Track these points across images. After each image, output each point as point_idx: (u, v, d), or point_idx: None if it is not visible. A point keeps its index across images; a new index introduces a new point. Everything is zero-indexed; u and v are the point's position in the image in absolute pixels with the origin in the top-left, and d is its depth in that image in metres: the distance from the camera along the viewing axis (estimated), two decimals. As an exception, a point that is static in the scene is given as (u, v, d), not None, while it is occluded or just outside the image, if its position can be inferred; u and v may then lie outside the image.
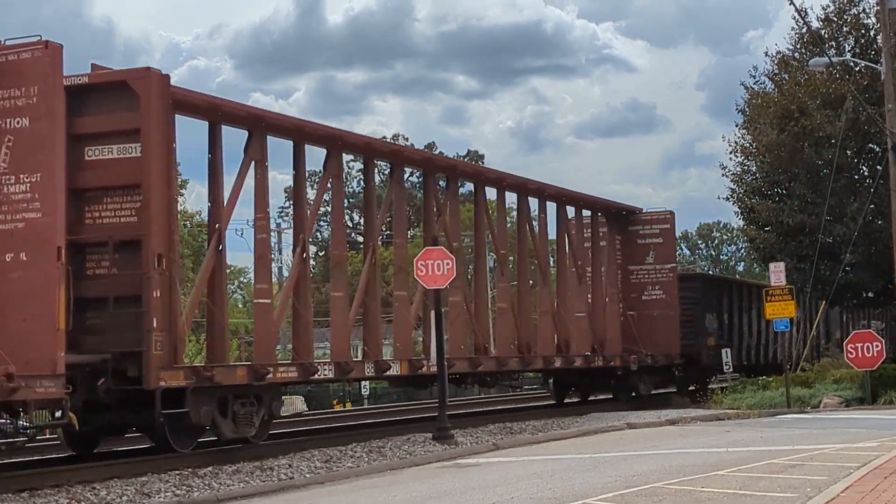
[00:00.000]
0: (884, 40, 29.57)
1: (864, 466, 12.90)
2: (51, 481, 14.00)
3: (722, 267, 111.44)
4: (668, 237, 31.50)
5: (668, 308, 30.82)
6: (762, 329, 37.58)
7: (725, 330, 35.12)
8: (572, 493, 11.83)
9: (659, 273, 30.90)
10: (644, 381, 30.23)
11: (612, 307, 29.76)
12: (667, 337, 30.84)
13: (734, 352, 34.62)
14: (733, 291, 36.91)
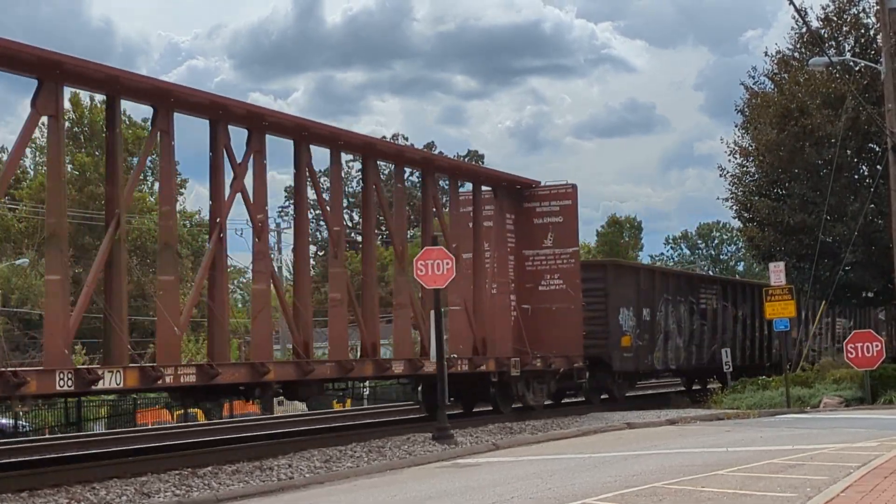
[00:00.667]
0: (884, 40, 29.57)
1: (864, 466, 12.90)
2: (50, 481, 14.00)
3: (722, 267, 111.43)
4: (570, 216, 26.17)
5: (568, 301, 25.83)
6: (703, 327, 34.29)
7: (647, 328, 30.31)
8: (572, 492, 11.83)
9: (559, 259, 25.97)
10: (533, 388, 25.07)
11: (499, 300, 24.81)
12: (567, 336, 25.76)
13: (659, 354, 31.07)
14: (657, 282, 31.84)
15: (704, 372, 36.44)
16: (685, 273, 38.52)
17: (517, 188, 26.31)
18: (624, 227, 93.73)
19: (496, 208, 25.50)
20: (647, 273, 32.82)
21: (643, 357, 30.19)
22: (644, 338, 30.15)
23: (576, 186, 26.74)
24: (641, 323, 30.00)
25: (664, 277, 33.59)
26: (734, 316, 36.78)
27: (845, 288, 37.75)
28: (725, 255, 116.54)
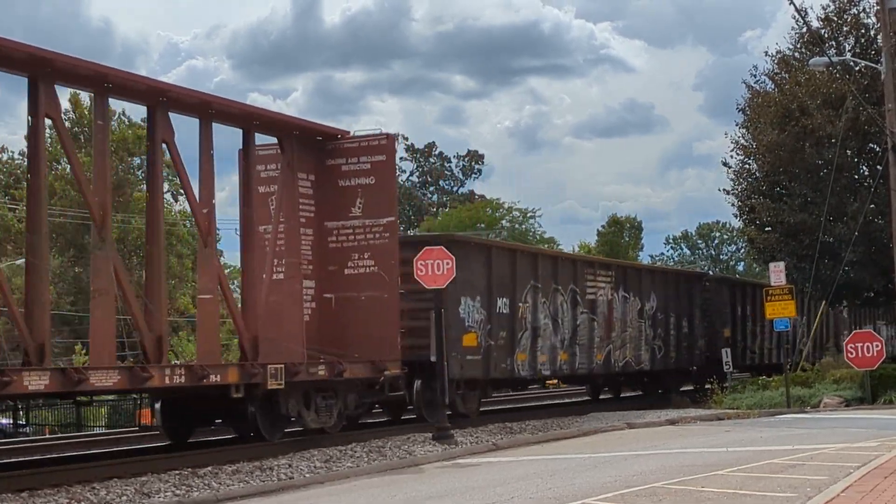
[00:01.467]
0: (884, 40, 29.56)
1: (864, 466, 12.91)
2: (50, 481, 14.00)
3: (722, 267, 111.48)
4: (386, 175, 20.23)
5: (382, 287, 19.83)
6: (593, 323, 27.94)
7: (504, 323, 24.09)
8: (572, 492, 11.83)
9: (370, 233, 20.05)
10: (317, 406, 18.73)
11: (288, 287, 19.05)
12: (378, 334, 19.71)
13: (526, 357, 24.97)
14: (520, 265, 24.94)
15: (610, 379, 31.27)
16: (563, 255, 30.47)
17: (317, 140, 20.24)
18: (624, 227, 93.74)
19: (284, 165, 19.35)
20: (504, 253, 25.08)
21: (499, 360, 23.75)
22: (499, 336, 23.68)
23: (393, 137, 20.86)
24: (496, 317, 23.48)
25: (531, 259, 25.95)
26: (641, 310, 30.55)
27: (845, 288, 37.74)
28: (725, 255, 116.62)
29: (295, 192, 19.54)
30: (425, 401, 21.79)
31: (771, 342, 38.36)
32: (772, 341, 38.36)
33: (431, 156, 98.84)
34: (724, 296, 35.74)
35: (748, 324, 36.92)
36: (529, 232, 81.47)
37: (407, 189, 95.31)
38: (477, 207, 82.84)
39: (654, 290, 31.53)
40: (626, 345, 29.71)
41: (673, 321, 32.66)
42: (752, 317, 37.08)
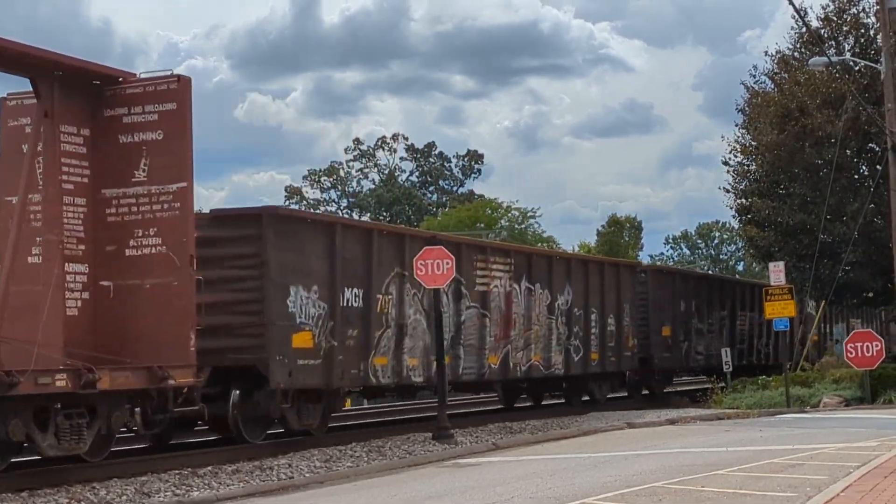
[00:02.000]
0: (884, 40, 29.57)
1: (864, 466, 12.91)
2: (50, 481, 13.99)
3: (722, 267, 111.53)
4: (177, 130, 15.60)
5: (171, 273, 15.19)
6: (485, 320, 23.29)
7: (354, 319, 19.40)
8: (572, 492, 11.83)
9: (157, 203, 15.39)
10: (59, 428, 13.86)
11: (45, 272, 14.58)
12: (163, 332, 15.10)
13: (387, 360, 20.29)
14: (378, 248, 20.14)
15: (511, 385, 27.01)
16: (442, 237, 23.67)
17: (92, 84, 15.57)
18: (624, 226, 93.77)
19: (40, 115, 14.85)
20: (355, 233, 19.98)
21: (347, 365, 19.01)
22: (347, 335, 19.00)
23: (187, 80, 15.85)
24: (342, 311, 18.79)
25: (396, 242, 20.82)
26: (551, 305, 25.93)
27: (845, 288, 37.74)
28: (725, 254, 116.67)
29: (56, 150, 14.93)
30: (244, 416, 17.62)
31: (727, 341, 35.37)
32: (730, 340, 35.78)
33: (431, 156, 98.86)
34: (665, 289, 32.05)
35: (694, 321, 33.42)
36: (529, 231, 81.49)
37: (407, 189, 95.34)
38: (476, 207, 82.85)
39: (569, 281, 26.61)
40: (530, 345, 24.92)
41: (595, 318, 27.68)
42: (701, 313, 34.11)
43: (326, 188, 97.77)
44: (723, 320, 36.24)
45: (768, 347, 39.21)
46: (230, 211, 19.29)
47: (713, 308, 35.48)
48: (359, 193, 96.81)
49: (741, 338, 37.59)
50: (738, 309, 37.28)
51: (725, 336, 35.74)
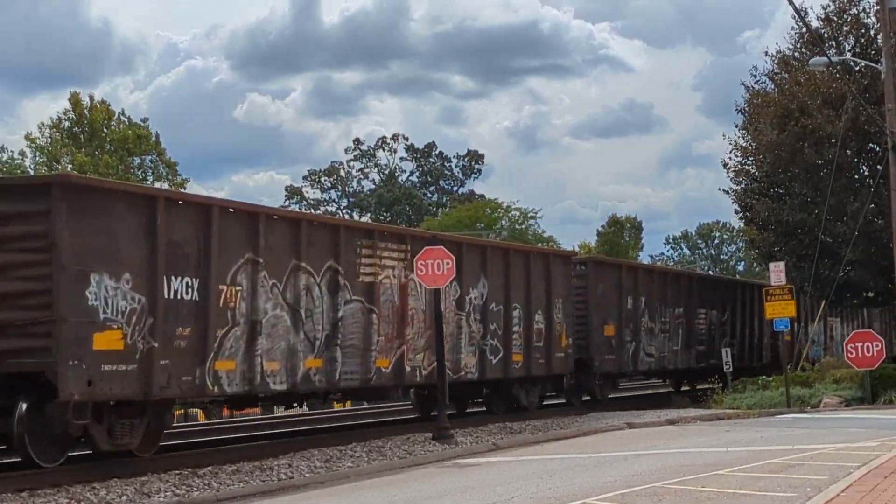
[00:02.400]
0: (884, 40, 29.57)
1: (864, 466, 12.91)
2: (50, 481, 13.99)
3: (722, 267, 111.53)
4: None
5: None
6: (371, 316, 19.62)
7: (198, 319, 15.98)
8: (572, 492, 11.83)
9: None
10: None
11: None
12: None
13: (234, 365, 16.45)
14: (217, 230, 16.35)
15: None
16: (312, 218, 22.15)
17: None
18: (624, 226, 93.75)
19: None
20: (189, 211, 16.25)
21: (177, 371, 15.62)
22: (176, 334, 15.64)
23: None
24: (165, 305, 15.42)
25: (247, 223, 17.09)
26: (460, 300, 22.30)
27: (845, 288, 37.75)
28: (725, 254, 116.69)
29: None
30: (34, 434, 14.34)
31: (683, 342, 32.77)
32: (686, 341, 32.90)
33: (431, 156, 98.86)
34: (609, 284, 28.51)
35: (644, 319, 29.93)
36: (529, 232, 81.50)
37: (407, 189, 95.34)
38: (476, 207, 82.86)
39: (484, 273, 23.14)
40: (431, 347, 21.03)
41: (519, 314, 24.23)
42: (652, 311, 30.64)
43: (327, 188, 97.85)
44: (679, 319, 32.48)
45: (735, 349, 34.70)
46: (12, 180, 16.39)
47: (667, 305, 31.72)
48: (359, 193, 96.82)
49: (700, 338, 33.73)
50: (697, 307, 33.69)
51: (682, 336, 32.61)
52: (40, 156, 59.05)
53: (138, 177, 57.59)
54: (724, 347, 33.07)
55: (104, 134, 59.05)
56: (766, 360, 37.70)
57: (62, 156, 57.55)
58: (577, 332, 26.87)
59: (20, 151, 60.63)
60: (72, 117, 59.14)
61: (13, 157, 59.81)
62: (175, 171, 61.24)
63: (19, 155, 59.94)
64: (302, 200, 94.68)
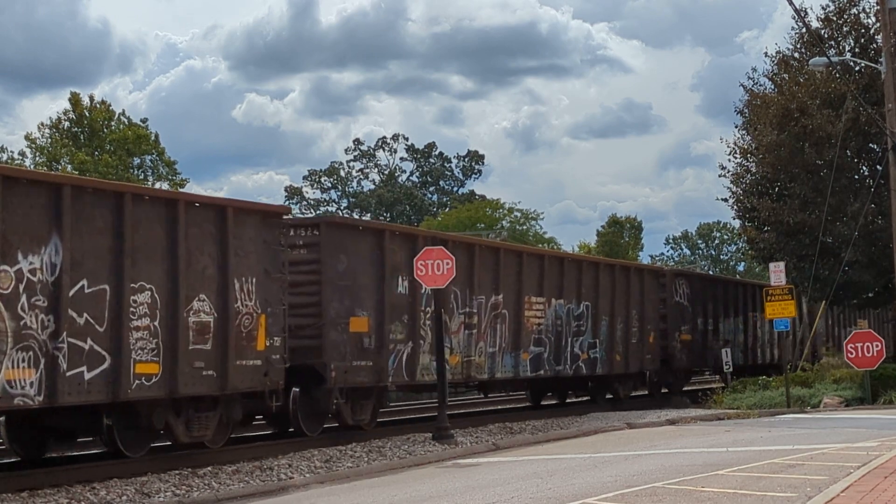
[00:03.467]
0: (884, 40, 29.56)
1: (864, 466, 12.91)
2: (50, 481, 13.99)
3: (722, 267, 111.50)
4: None
5: None
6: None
7: None
8: (572, 492, 11.83)
9: None
10: None
11: None
12: None
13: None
14: None
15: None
16: None
17: None
18: (624, 226, 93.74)
19: None
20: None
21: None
22: None
23: None
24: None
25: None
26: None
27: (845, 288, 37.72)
28: (726, 254, 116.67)
29: None
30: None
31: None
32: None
33: (431, 156, 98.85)
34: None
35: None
36: (530, 233, 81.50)
37: (408, 189, 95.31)
38: (477, 207, 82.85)
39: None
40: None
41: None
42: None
43: (327, 188, 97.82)
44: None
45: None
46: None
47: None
48: (359, 193, 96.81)
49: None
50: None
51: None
52: (40, 156, 59.07)
53: (138, 177, 57.58)
54: (724, 348, 33.23)
55: (104, 134, 59.06)
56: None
57: (62, 156, 57.56)
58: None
59: (20, 151, 60.70)
60: (72, 117, 59.14)
61: (13, 157, 59.86)
62: (174, 170, 61.29)
63: (19, 155, 59.98)
64: (302, 200, 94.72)
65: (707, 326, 34.18)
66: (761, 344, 39.05)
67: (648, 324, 30.12)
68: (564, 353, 26.12)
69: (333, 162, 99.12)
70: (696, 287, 33.77)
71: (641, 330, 29.73)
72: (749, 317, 37.85)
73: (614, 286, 28.46)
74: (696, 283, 34.36)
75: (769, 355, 39.46)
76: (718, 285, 37.34)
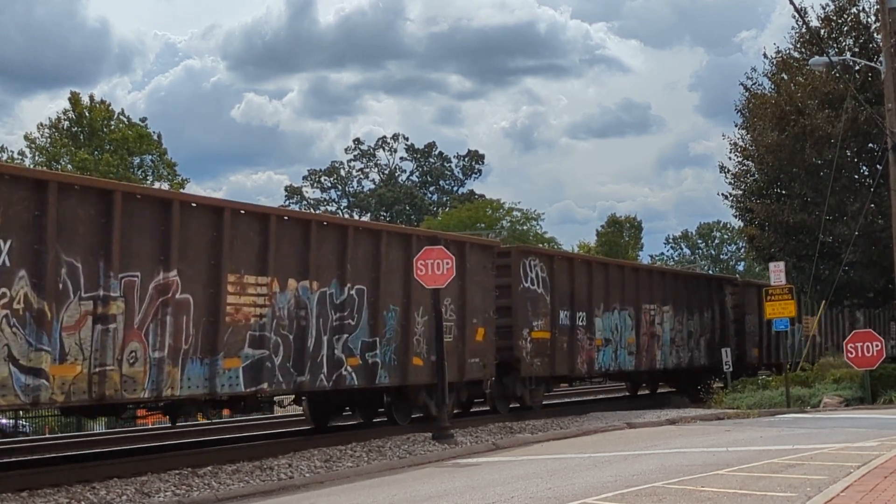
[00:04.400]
0: (884, 40, 29.57)
1: (864, 466, 12.90)
2: (50, 481, 13.99)
3: (722, 267, 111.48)
4: None
5: None
6: None
7: None
8: (572, 492, 11.82)
9: None
10: None
11: None
12: None
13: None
14: None
15: None
16: None
17: None
18: (624, 226, 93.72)
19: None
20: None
21: None
22: None
23: None
24: None
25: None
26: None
27: (846, 288, 37.75)
28: (726, 254, 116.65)
29: None
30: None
31: None
32: None
33: (431, 156, 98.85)
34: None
35: None
36: (531, 233, 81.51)
37: (408, 189, 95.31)
38: (477, 207, 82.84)
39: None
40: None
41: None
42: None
43: (327, 188, 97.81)
44: None
45: None
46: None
47: None
48: (359, 193, 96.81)
49: None
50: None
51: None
52: (39, 156, 59.07)
53: (138, 177, 57.57)
54: (724, 348, 33.05)
55: (104, 133, 59.05)
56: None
57: (62, 156, 57.55)
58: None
59: (20, 151, 60.71)
60: (71, 117, 59.13)
61: (13, 157, 59.86)
62: (174, 171, 61.28)
63: (19, 155, 59.97)
64: (302, 200, 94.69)
65: (576, 322, 26.64)
66: (664, 344, 30.87)
67: (475, 317, 22.67)
68: (314, 358, 18.15)
69: (334, 161, 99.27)
70: (557, 271, 25.92)
71: (462, 324, 22.19)
72: (648, 310, 29.94)
73: (407, 262, 20.24)
74: (559, 267, 26.20)
75: (683, 359, 32.00)
76: (598, 270, 28.25)
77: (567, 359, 25.87)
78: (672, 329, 31.14)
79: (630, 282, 29.06)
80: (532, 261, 25.04)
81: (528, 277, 24.74)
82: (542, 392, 25.59)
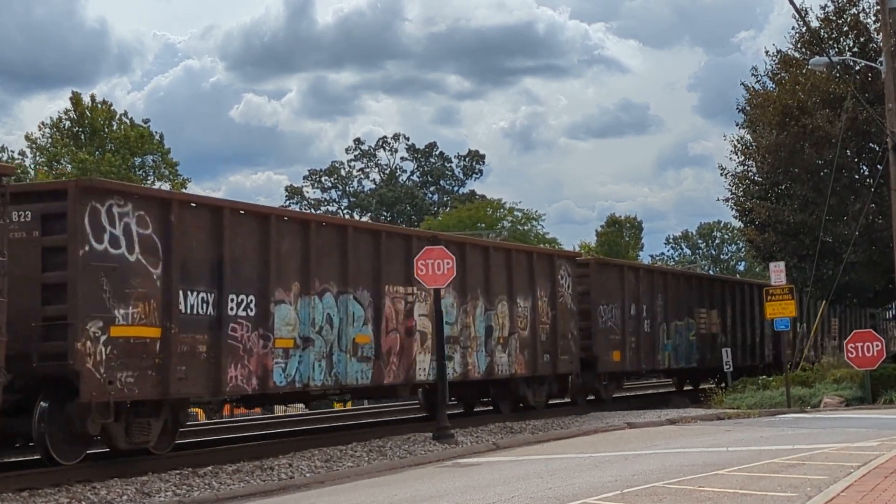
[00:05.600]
0: (884, 40, 29.55)
1: (865, 466, 12.90)
2: (51, 480, 13.99)
3: (722, 267, 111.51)
4: None
5: None
6: None
7: None
8: (572, 492, 11.83)
9: None
10: None
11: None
12: None
13: None
14: None
15: None
16: None
17: None
18: (623, 226, 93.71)
19: None
20: None
21: None
22: None
23: None
24: None
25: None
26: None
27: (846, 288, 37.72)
28: (726, 254, 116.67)
29: None
30: None
31: None
32: None
33: (432, 156, 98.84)
34: None
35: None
36: (531, 233, 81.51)
37: (409, 189, 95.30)
38: (478, 207, 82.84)
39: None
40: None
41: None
42: None
43: (327, 188, 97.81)
44: None
45: None
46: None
47: None
48: (360, 193, 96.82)
49: None
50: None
51: None
52: (40, 156, 59.07)
53: (140, 177, 57.57)
54: (725, 348, 33.17)
55: (105, 134, 59.04)
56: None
57: (62, 156, 57.55)
58: None
59: (20, 151, 60.69)
60: (72, 117, 59.13)
61: (13, 157, 59.87)
62: (176, 171, 61.27)
63: (19, 155, 59.97)
64: (302, 200, 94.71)
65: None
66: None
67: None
68: None
69: (334, 161, 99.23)
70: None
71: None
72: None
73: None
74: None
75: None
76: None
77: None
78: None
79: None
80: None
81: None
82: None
